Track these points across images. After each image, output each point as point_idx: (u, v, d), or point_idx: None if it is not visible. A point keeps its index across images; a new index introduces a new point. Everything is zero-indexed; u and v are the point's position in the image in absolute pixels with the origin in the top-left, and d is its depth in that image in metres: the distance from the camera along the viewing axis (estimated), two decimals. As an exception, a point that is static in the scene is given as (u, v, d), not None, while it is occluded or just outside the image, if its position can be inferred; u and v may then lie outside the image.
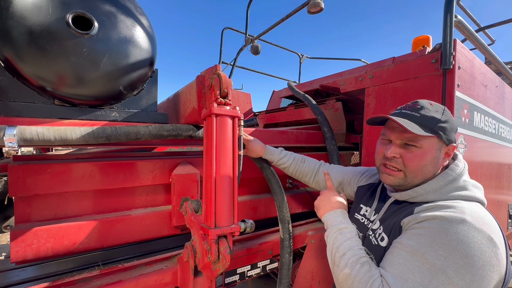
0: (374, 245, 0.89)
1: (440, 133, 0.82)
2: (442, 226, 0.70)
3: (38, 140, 0.90)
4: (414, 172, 0.84)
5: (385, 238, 0.85)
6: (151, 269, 1.11)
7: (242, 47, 3.71)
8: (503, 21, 3.48)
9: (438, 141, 0.83)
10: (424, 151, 0.83)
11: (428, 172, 0.84)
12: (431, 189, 0.83)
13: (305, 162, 1.39)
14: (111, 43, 1.04)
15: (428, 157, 0.83)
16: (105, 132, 1.02)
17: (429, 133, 0.81)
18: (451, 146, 0.84)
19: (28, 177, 1.01)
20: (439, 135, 0.82)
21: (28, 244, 0.99)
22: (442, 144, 0.83)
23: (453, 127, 0.85)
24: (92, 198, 1.16)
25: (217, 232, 0.94)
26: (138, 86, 1.24)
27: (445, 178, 0.82)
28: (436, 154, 0.83)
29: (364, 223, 1.01)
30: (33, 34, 0.91)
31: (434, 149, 0.83)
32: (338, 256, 0.86)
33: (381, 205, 0.98)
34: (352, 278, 0.78)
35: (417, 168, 0.84)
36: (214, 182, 0.97)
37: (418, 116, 0.84)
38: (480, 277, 0.64)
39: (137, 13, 1.16)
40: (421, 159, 0.83)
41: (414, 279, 0.68)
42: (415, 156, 0.83)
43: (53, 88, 1.04)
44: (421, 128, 0.81)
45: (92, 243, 1.10)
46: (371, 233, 0.93)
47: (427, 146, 0.83)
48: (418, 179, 0.85)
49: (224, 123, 1.01)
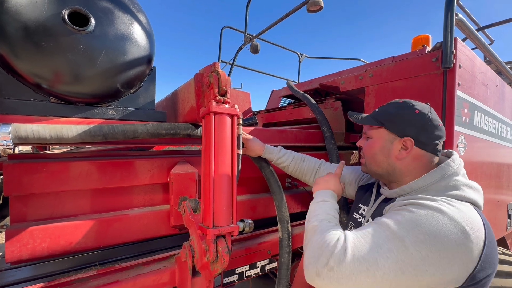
0: None
1: (387, 125, 0.88)
2: (416, 210, 0.70)
3: (33, 138, 0.88)
4: (369, 159, 0.95)
5: None
6: (148, 269, 1.10)
7: (241, 46, 3.70)
8: (502, 21, 3.48)
9: (387, 132, 0.89)
10: (373, 141, 0.93)
11: (381, 161, 0.91)
12: (417, 187, 0.83)
13: (304, 161, 1.38)
14: (108, 40, 1.03)
15: (376, 146, 0.92)
16: (102, 130, 1.00)
17: (373, 124, 0.91)
18: (407, 139, 0.84)
19: (24, 176, 0.99)
20: (386, 126, 0.88)
21: (23, 244, 0.97)
22: (393, 136, 0.88)
23: (411, 122, 0.84)
24: (89, 197, 1.14)
25: (216, 231, 0.92)
26: (136, 84, 1.23)
27: (432, 177, 0.81)
28: (385, 145, 0.89)
29: (361, 223, 1.01)
30: (28, 30, 0.90)
31: (383, 139, 0.90)
32: (312, 215, 0.91)
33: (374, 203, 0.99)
34: (316, 228, 0.82)
35: (370, 156, 0.95)
36: (212, 181, 0.95)
37: (377, 111, 0.94)
38: (437, 257, 0.63)
39: (135, 9, 1.14)
40: (371, 147, 0.94)
41: (371, 240, 0.68)
42: (368, 145, 0.96)
43: (49, 86, 1.02)
44: (371, 120, 0.92)
45: (89, 243, 1.09)
46: None
47: (375, 136, 0.93)
48: (374, 167, 0.95)
49: (223, 121, 1.00)
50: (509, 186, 1.94)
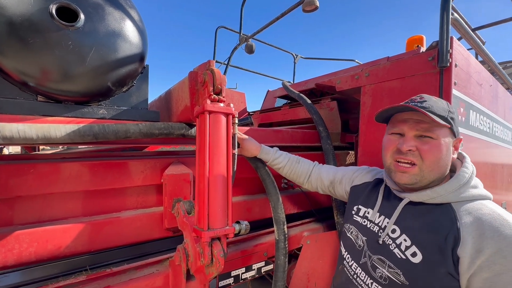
0: (400, 258, 0.82)
1: (452, 123, 0.80)
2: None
3: (19, 138, 0.84)
4: (431, 165, 0.80)
5: (418, 254, 0.78)
6: (141, 273, 1.06)
7: (236, 46, 3.67)
8: (493, 23, 3.53)
9: (450, 132, 0.81)
10: (440, 142, 0.79)
11: (444, 165, 0.81)
12: (451, 190, 0.79)
13: (299, 163, 1.37)
14: (98, 36, 0.99)
15: (444, 148, 0.80)
16: (92, 130, 0.97)
17: (445, 122, 0.79)
18: (459, 139, 0.83)
19: (10, 178, 0.95)
20: (451, 125, 0.80)
21: (9, 249, 0.93)
22: (452, 136, 0.82)
23: (458, 119, 0.84)
24: (79, 200, 1.10)
25: (211, 234, 0.90)
26: (128, 82, 1.19)
27: (463, 178, 0.80)
28: (449, 146, 0.81)
29: (367, 226, 0.97)
30: (13, 25, 0.86)
31: (447, 140, 0.81)
32: None
33: (389, 207, 0.93)
34: None
35: (434, 161, 0.79)
36: (207, 182, 0.93)
37: (429, 106, 0.81)
38: None
39: (127, 5, 1.11)
40: (438, 150, 0.79)
41: None
42: (432, 147, 0.79)
43: (36, 83, 0.98)
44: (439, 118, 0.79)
45: (79, 247, 1.05)
46: (390, 242, 0.86)
47: (442, 137, 0.80)
48: (434, 173, 0.81)
49: (218, 120, 0.97)
50: (503, 186, 1.95)
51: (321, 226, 1.69)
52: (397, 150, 0.85)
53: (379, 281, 0.85)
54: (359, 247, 0.97)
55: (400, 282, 0.79)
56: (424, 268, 0.75)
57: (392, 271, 0.82)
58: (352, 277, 0.97)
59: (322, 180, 1.30)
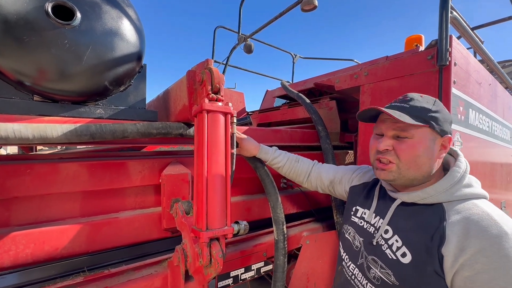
0: (391, 259, 0.82)
1: (432, 123, 0.80)
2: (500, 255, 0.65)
3: (14, 138, 0.83)
4: (408, 163, 0.82)
5: (407, 254, 0.79)
6: (139, 274, 1.05)
7: (235, 46, 3.67)
8: (492, 22, 3.54)
9: (430, 131, 0.81)
10: (416, 141, 0.81)
11: (423, 163, 0.81)
12: (441, 189, 0.79)
13: (299, 162, 1.36)
14: (95, 35, 0.98)
15: (420, 147, 0.80)
16: (89, 130, 0.96)
17: (419, 122, 0.79)
18: (447, 137, 0.81)
19: (6, 178, 0.94)
20: (431, 125, 0.80)
21: (5, 250, 0.92)
22: (435, 135, 0.81)
23: (446, 118, 0.82)
24: (77, 200, 1.09)
25: (209, 234, 0.89)
26: (125, 81, 1.18)
27: (454, 177, 0.79)
28: (430, 145, 0.81)
29: (363, 227, 0.97)
30: (8, 24, 0.85)
31: (427, 139, 0.81)
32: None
33: (383, 208, 0.93)
34: None
35: (410, 159, 0.81)
36: (205, 182, 0.92)
37: (408, 107, 0.83)
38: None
39: (124, 4, 1.10)
40: (414, 149, 0.81)
41: None
42: (408, 146, 0.82)
43: (32, 83, 0.97)
44: (412, 118, 0.80)
45: (77, 248, 1.04)
46: (382, 242, 0.87)
47: (419, 136, 0.81)
48: (412, 171, 0.82)
49: (216, 119, 0.96)
50: (502, 185, 1.95)
51: (320, 226, 1.68)
52: (378, 149, 0.88)
53: (373, 282, 0.86)
54: (356, 248, 0.97)
55: (391, 282, 0.81)
56: (414, 268, 0.76)
57: (384, 272, 0.83)
58: (350, 278, 0.97)
59: (322, 180, 1.29)
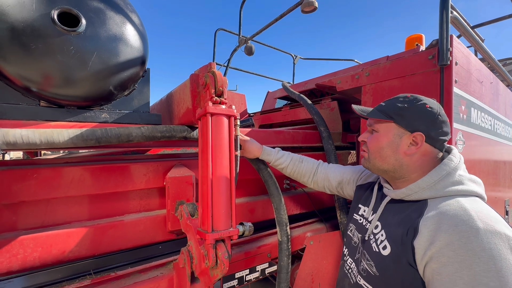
0: (374, 251, 0.87)
1: (397, 119, 0.85)
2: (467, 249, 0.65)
3: (22, 144, 0.85)
4: (373, 153, 0.92)
5: (387, 247, 0.82)
6: (145, 276, 1.06)
7: (235, 48, 3.68)
8: (492, 20, 3.53)
9: (396, 126, 0.86)
10: (380, 135, 0.90)
11: (387, 156, 0.88)
12: (425, 186, 0.81)
13: (303, 162, 1.36)
14: (100, 41, 1.00)
15: (383, 140, 0.89)
16: (95, 134, 0.97)
17: (381, 117, 0.87)
18: (417, 134, 0.82)
19: (13, 183, 0.95)
20: (396, 120, 0.85)
21: (13, 254, 0.93)
22: (403, 131, 0.85)
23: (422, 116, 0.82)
24: (82, 204, 1.10)
25: (215, 236, 0.90)
26: (129, 86, 1.20)
27: (438, 173, 0.80)
28: (394, 139, 0.87)
29: (362, 224, 0.99)
30: (16, 31, 0.86)
31: (391, 134, 0.87)
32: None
33: (378, 205, 0.96)
34: None
35: (375, 150, 0.91)
36: (210, 184, 0.93)
37: (383, 104, 0.91)
38: None
39: (127, 10, 1.11)
40: (378, 141, 0.90)
41: None
42: (373, 138, 0.92)
43: (39, 89, 0.98)
44: (379, 113, 0.89)
45: (83, 251, 1.05)
46: (371, 237, 0.91)
47: (383, 130, 0.89)
48: (378, 162, 0.91)
49: (220, 122, 0.97)
50: (506, 183, 1.95)
51: (324, 226, 1.68)
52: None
53: (361, 274, 0.92)
54: (355, 243, 1.01)
55: (373, 273, 0.85)
56: (391, 260, 0.80)
57: (368, 263, 0.88)
58: (347, 271, 1.02)
59: (329, 181, 1.30)
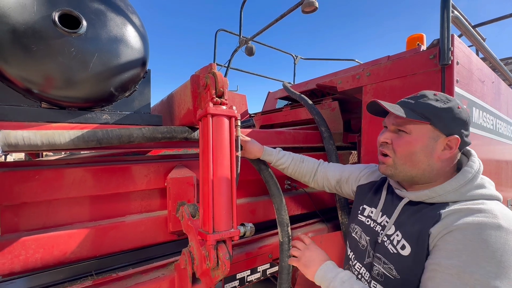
0: (392, 253, 0.82)
1: (434, 121, 0.78)
2: (479, 235, 0.64)
3: (24, 145, 0.85)
4: (403, 158, 0.82)
5: (406, 246, 0.79)
6: (147, 277, 1.06)
7: (236, 49, 3.68)
8: (494, 19, 3.52)
9: (432, 129, 0.79)
10: (413, 137, 0.80)
11: (420, 161, 0.80)
12: (451, 189, 0.77)
13: (304, 162, 1.36)
14: (100, 42, 1.00)
15: (417, 144, 0.80)
16: (96, 135, 0.97)
17: (418, 118, 0.78)
18: (453, 138, 0.78)
19: (15, 184, 0.96)
20: (432, 122, 0.78)
21: (15, 255, 0.93)
22: (438, 134, 0.78)
23: (457, 118, 0.79)
24: (84, 205, 1.11)
25: (216, 237, 0.90)
26: (130, 87, 1.20)
27: (464, 177, 0.77)
28: (429, 143, 0.79)
29: (370, 226, 0.96)
30: (17, 33, 0.87)
31: (426, 137, 0.79)
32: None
33: (391, 206, 0.92)
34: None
35: (405, 154, 0.82)
36: (211, 185, 0.93)
37: (413, 102, 0.82)
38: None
39: (128, 11, 1.12)
40: (409, 145, 0.81)
41: None
42: (404, 141, 0.82)
43: (40, 90, 0.99)
44: (412, 113, 0.79)
45: (84, 252, 1.05)
46: (385, 239, 0.87)
47: (417, 133, 0.80)
48: (408, 168, 0.82)
49: (221, 123, 0.97)
50: (508, 183, 1.94)
51: (325, 226, 1.68)
52: (378, 142, 0.91)
53: (377, 279, 0.86)
54: (363, 246, 0.97)
55: (393, 276, 0.80)
56: (413, 260, 0.76)
57: (386, 267, 0.83)
58: (357, 277, 0.96)
59: (328, 180, 1.29)
